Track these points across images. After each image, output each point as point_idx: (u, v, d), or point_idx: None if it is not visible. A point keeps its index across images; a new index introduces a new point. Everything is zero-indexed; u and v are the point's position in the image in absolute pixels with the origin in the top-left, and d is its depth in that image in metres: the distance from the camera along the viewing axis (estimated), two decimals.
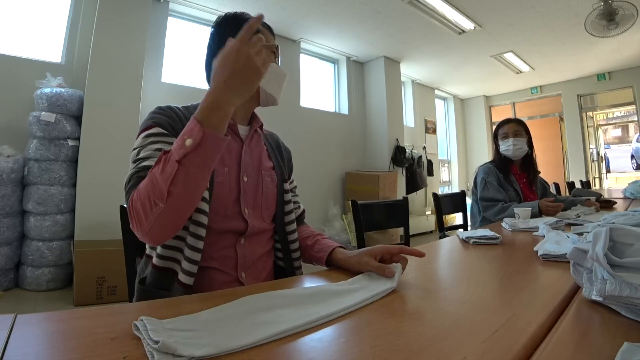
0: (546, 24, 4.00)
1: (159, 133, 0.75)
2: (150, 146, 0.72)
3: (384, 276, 0.66)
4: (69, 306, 2.27)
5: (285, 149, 1.04)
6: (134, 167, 0.70)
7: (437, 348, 0.42)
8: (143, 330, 0.41)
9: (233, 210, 0.81)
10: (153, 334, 0.40)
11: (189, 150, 0.57)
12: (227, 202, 0.81)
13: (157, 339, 0.38)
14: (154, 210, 0.60)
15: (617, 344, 0.39)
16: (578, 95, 6.17)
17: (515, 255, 0.98)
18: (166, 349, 0.37)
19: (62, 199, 2.53)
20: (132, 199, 0.64)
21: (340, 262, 0.79)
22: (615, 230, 0.53)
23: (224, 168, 0.81)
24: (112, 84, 2.79)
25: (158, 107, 0.81)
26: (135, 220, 0.63)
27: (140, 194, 0.62)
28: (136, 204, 0.63)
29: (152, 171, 0.61)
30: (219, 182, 0.79)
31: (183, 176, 0.58)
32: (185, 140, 0.57)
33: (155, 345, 0.38)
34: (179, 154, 0.57)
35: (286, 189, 0.94)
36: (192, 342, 0.39)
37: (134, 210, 0.63)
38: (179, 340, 0.39)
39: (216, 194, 0.78)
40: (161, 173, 0.59)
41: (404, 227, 1.69)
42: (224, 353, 0.39)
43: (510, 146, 1.96)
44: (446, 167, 7.15)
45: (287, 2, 3.51)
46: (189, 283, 0.72)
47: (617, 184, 7.71)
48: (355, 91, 5.22)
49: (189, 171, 0.58)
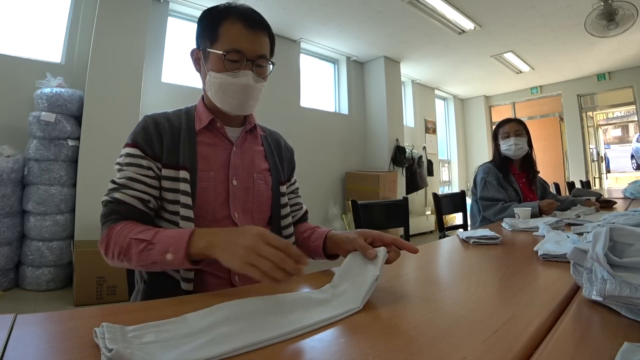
0: (546, 24, 4.00)
1: (135, 155, 0.79)
2: (127, 170, 0.78)
3: (366, 257, 0.64)
4: (69, 306, 2.27)
5: (286, 148, 1.02)
6: (109, 195, 0.76)
7: (437, 348, 0.42)
8: (100, 338, 0.39)
9: (222, 214, 0.81)
10: (110, 342, 0.38)
11: (165, 261, 0.65)
12: (214, 206, 0.81)
13: (112, 346, 0.37)
14: (121, 263, 0.71)
15: (617, 344, 0.39)
16: (578, 95, 6.17)
17: (515, 255, 0.98)
18: (120, 358, 0.36)
19: (62, 199, 2.53)
20: (109, 238, 0.72)
21: (334, 243, 0.80)
22: (615, 230, 0.53)
23: (208, 173, 0.81)
24: (112, 84, 2.79)
25: (144, 119, 0.82)
26: (106, 250, 0.72)
27: (117, 246, 0.70)
28: (112, 244, 0.71)
29: (133, 240, 0.69)
30: (202, 188, 0.79)
31: (151, 266, 0.70)
32: (167, 252, 0.64)
33: (109, 353, 0.36)
34: (157, 257, 0.66)
35: (282, 192, 0.92)
36: (150, 354, 0.38)
37: (107, 246, 0.72)
38: (136, 350, 0.37)
39: (200, 199, 0.78)
40: (138, 254, 0.68)
41: (404, 227, 1.69)
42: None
43: (512, 145, 1.96)
44: (446, 167, 7.15)
45: (287, 2, 3.51)
46: (189, 289, 0.74)
47: (617, 184, 7.71)
48: (355, 91, 5.22)
49: (155, 267, 0.69)
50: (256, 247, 0.55)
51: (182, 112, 0.87)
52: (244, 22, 0.78)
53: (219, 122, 0.85)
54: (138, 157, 0.78)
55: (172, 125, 0.82)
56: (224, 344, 0.41)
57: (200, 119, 0.85)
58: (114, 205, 0.75)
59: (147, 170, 0.78)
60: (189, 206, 0.76)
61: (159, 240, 0.66)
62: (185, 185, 0.77)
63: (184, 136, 0.81)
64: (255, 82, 0.81)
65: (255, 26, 0.80)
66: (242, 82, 0.80)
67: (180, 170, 0.78)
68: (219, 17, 0.79)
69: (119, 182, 0.77)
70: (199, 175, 0.79)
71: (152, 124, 0.81)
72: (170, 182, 0.78)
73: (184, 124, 0.83)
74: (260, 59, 0.82)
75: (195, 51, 0.86)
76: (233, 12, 0.79)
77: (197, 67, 0.87)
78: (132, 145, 0.79)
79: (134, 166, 0.78)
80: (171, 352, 0.39)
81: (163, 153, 0.79)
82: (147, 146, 0.79)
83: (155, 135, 0.79)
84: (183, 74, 3.59)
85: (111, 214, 0.74)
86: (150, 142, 0.79)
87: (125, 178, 0.77)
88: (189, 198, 0.76)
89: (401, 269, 0.86)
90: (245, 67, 0.79)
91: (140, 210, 0.76)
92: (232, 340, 0.41)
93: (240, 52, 0.78)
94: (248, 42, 0.79)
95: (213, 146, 0.84)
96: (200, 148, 0.82)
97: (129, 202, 0.75)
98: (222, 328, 0.45)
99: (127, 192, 0.75)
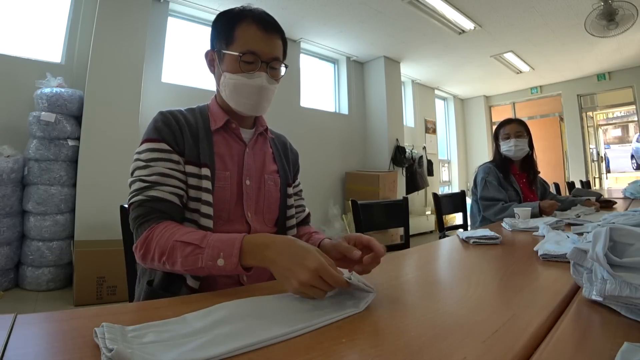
0: (546, 24, 4.00)
1: (163, 149, 0.77)
2: (155, 166, 0.75)
3: (351, 257, 0.67)
4: (69, 306, 2.27)
5: (292, 151, 1.03)
6: (141, 193, 0.73)
7: (437, 348, 0.42)
8: (101, 338, 0.39)
9: (236, 214, 0.82)
10: (110, 342, 0.38)
11: (215, 267, 0.62)
12: (229, 206, 0.81)
13: (112, 346, 0.37)
14: (162, 266, 0.68)
15: (617, 344, 0.39)
16: (578, 95, 6.17)
17: (515, 255, 0.98)
18: (120, 358, 0.35)
19: (62, 199, 2.53)
20: (149, 240, 0.69)
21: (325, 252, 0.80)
22: (615, 230, 0.53)
23: (225, 172, 0.82)
24: (112, 84, 2.79)
25: (162, 113, 0.81)
26: (145, 253, 0.69)
27: (159, 248, 0.67)
28: (153, 246, 0.68)
29: (178, 243, 0.66)
30: (220, 187, 0.80)
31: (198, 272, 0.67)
32: (218, 258, 0.62)
33: (109, 353, 0.36)
34: (206, 263, 0.63)
35: (289, 194, 0.93)
36: (150, 354, 0.38)
37: (147, 247, 0.69)
38: (136, 350, 0.37)
39: (217, 198, 0.79)
40: (184, 258, 0.65)
41: (404, 227, 1.69)
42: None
43: (512, 147, 1.96)
44: (446, 167, 7.15)
45: (287, 2, 3.51)
46: (195, 287, 0.74)
47: (617, 184, 7.71)
48: (355, 91, 5.22)
49: (201, 272, 0.66)
50: (312, 283, 0.55)
51: (196, 111, 0.87)
52: (259, 25, 0.80)
53: (234, 123, 0.86)
54: (167, 152, 0.77)
55: (189, 123, 0.82)
56: (223, 344, 0.41)
57: (216, 120, 0.86)
58: (152, 203, 0.72)
59: (177, 165, 0.77)
60: (209, 203, 0.77)
61: (208, 245, 0.64)
62: (207, 183, 0.77)
63: (201, 134, 0.82)
64: (269, 84, 0.83)
65: (269, 29, 0.81)
66: (257, 83, 0.81)
67: (202, 168, 0.78)
68: (235, 20, 0.81)
69: (150, 179, 0.73)
70: (217, 175, 0.80)
71: (172, 118, 0.80)
72: (193, 179, 0.78)
73: (200, 123, 0.84)
74: (274, 61, 0.83)
75: (210, 53, 0.87)
76: (248, 15, 0.80)
77: (211, 68, 0.88)
78: (156, 140, 0.77)
79: (164, 161, 0.76)
80: (171, 352, 0.39)
81: (185, 149, 0.79)
82: (172, 141, 0.78)
83: (177, 130, 0.79)
84: (183, 74, 3.59)
85: (150, 213, 0.71)
86: (174, 136, 0.78)
87: (156, 174, 0.74)
88: (210, 195, 0.77)
89: (401, 269, 0.86)
90: (260, 69, 0.81)
91: (178, 206, 0.75)
92: (232, 341, 0.41)
93: (255, 54, 0.80)
94: (263, 44, 0.80)
95: (228, 146, 0.85)
96: (217, 147, 0.83)
97: (168, 200, 0.73)
98: (222, 328, 0.45)
99: (163, 189, 0.73)
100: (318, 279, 0.55)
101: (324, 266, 0.55)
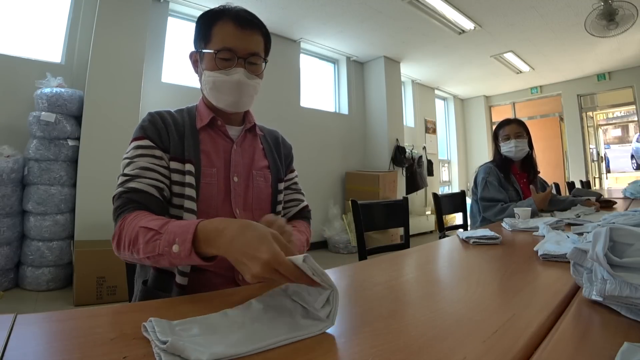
0: (546, 24, 4.00)
1: (147, 146, 0.79)
2: (138, 161, 0.77)
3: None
4: (69, 306, 2.27)
5: (285, 145, 1.03)
6: (122, 186, 0.74)
7: (437, 348, 0.42)
8: (152, 332, 0.41)
9: (224, 211, 0.82)
10: (161, 335, 0.40)
11: (171, 254, 0.60)
12: (217, 203, 0.82)
13: (165, 339, 0.38)
14: (131, 255, 0.67)
15: (617, 344, 0.39)
16: (578, 95, 6.17)
17: (515, 255, 0.98)
18: (174, 349, 0.37)
19: (62, 199, 2.53)
20: (121, 229, 0.69)
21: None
22: (615, 230, 0.53)
23: (211, 169, 0.83)
24: (112, 84, 2.79)
25: (149, 114, 0.83)
26: (118, 243, 0.69)
27: (127, 236, 0.67)
28: (123, 235, 0.68)
29: (141, 229, 0.65)
30: (206, 183, 0.81)
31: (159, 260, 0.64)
32: (174, 243, 0.59)
33: (163, 345, 0.38)
34: (163, 249, 0.61)
35: (280, 189, 0.93)
36: (200, 346, 0.39)
37: (119, 237, 0.69)
38: (187, 343, 0.39)
39: (203, 195, 0.80)
40: (145, 244, 0.64)
41: (404, 227, 1.69)
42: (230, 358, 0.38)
43: (512, 148, 1.96)
44: (446, 167, 7.15)
45: (287, 2, 3.51)
46: (184, 283, 0.74)
47: (617, 184, 7.71)
48: (355, 91, 5.22)
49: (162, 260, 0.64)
50: (266, 275, 0.50)
51: (184, 111, 0.89)
52: (235, 22, 0.81)
53: (220, 121, 0.87)
54: (149, 148, 0.79)
55: (176, 122, 0.84)
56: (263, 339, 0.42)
57: (202, 118, 0.87)
58: (129, 194, 0.73)
59: (160, 160, 0.79)
60: (193, 199, 0.77)
61: (166, 230, 0.61)
62: (191, 178, 0.78)
63: (187, 132, 0.83)
64: (248, 79, 0.83)
65: (246, 25, 0.82)
66: (234, 79, 0.82)
67: (186, 164, 0.79)
68: (213, 19, 0.82)
69: (132, 173, 0.75)
70: (203, 171, 0.81)
71: (158, 117, 0.82)
72: (177, 174, 0.79)
73: (186, 121, 0.85)
74: (252, 56, 0.84)
75: (193, 54, 0.89)
76: (226, 14, 0.82)
77: (195, 68, 0.90)
78: (141, 137, 0.80)
79: (147, 156, 0.78)
80: (218, 345, 0.40)
81: (170, 146, 0.80)
82: (157, 138, 0.80)
83: (162, 128, 0.81)
84: (183, 74, 3.59)
85: (127, 204, 0.72)
86: (158, 134, 0.80)
87: (138, 168, 0.76)
88: (193, 191, 0.78)
89: (401, 269, 0.86)
90: (237, 65, 0.82)
91: (157, 198, 0.75)
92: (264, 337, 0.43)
93: (232, 50, 0.81)
94: (239, 40, 0.81)
95: (214, 143, 0.86)
96: (203, 145, 0.84)
97: (145, 190, 0.74)
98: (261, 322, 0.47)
99: (142, 181, 0.74)
100: (271, 272, 0.49)
101: (278, 258, 0.49)
